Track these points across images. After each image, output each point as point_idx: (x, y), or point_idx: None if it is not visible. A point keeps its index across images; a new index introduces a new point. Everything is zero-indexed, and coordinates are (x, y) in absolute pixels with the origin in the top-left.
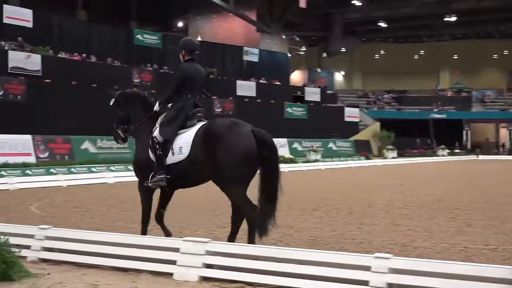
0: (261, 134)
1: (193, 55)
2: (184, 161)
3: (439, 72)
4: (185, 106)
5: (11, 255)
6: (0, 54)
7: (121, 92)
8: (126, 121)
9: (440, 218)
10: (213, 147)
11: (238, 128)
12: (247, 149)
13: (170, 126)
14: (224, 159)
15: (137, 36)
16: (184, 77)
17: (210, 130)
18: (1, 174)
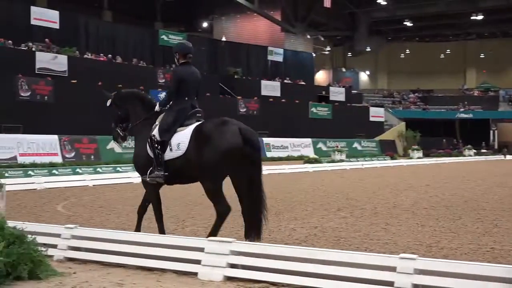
0: (248, 132)
1: (187, 58)
2: (181, 157)
3: (465, 71)
4: (183, 108)
5: (38, 254)
6: (28, 55)
7: (118, 92)
8: (124, 120)
9: (467, 218)
10: (202, 145)
11: (226, 126)
12: (232, 147)
13: (170, 129)
14: (209, 156)
15: (162, 36)
16: (179, 80)
17: (201, 129)
18: (29, 174)
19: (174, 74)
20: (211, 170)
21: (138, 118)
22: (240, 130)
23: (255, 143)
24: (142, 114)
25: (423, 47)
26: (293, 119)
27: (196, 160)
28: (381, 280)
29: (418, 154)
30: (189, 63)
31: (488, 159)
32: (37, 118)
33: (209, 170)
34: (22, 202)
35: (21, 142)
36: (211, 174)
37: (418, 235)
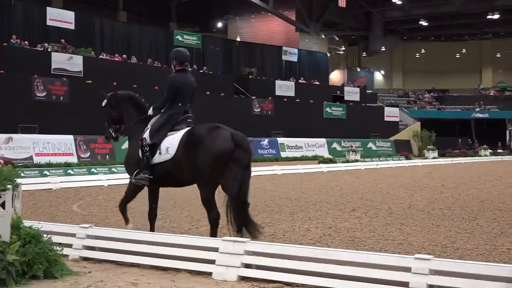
0: (238, 137)
1: (183, 66)
2: (169, 161)
3: (481, 70)
4: (176, 113)
5: (53, 253)
6: (44, 56)
7: (114, 93)
8: (118, 121)
9: (482, 219)
10: (194, 149)
11: (218, 132)
12: (223, 152)
13: (160, 132)
14: (203, 161)
15: (177, 37)
16: (174, 87)
17: (192, 134)
18: (44, 173)
19: (170, 81)
20: (205, 174)
21: (131, 120)
22: (232, 135)
23: (246, 147)
24: (135, 116)
25: (438, 47)
26: (308, 119)
27: (186, 164)
28: (396, 281)
29: (433, 154)
30: (185, 70)
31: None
32: (53, 118)
33: (203, 174)
34: (37, 201)
35: (37, 142)
36: (206, 179)
37: (433, 235)
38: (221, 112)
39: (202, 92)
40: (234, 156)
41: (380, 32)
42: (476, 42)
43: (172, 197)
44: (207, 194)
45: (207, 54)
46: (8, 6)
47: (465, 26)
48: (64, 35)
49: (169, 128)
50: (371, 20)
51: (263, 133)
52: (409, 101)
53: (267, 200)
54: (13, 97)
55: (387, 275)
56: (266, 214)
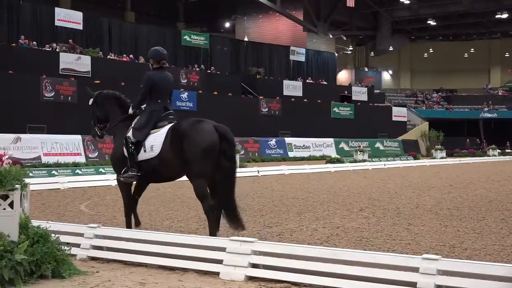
0: (222, 129)
1: (161, 64)
2: (155, 158)
3: (489, 70)
4: (156, 110)
5: (61, 253)
6: (52, 56)
7: (99, 92)
8: (103, 120)
9: (490, 219)
10: (179, 144)
11: (201, 125)
12: (210, 144)
13: (143, 129)
14: (190, 155)
15: (185, 37)
16: (151, 84)
17: (176, 129)
18: (52, 173)
19: (147, 78)
20: (194, 167)
21: (115, 119)
22: (216, 128)
23: (230, 139)
24: (118, 115)
25: (446, 46)
26: (315, 119)
27: (172, 160)
28: (404, 281)
29: (441, 154)
30: (163, 68)
31: None
32: (61, 118)
33: (193, 167)
34: (46, 201)
35: (45, 142)
36: (196, 171)
37: (441, 235)
38: (229, 112)
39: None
40: (221, 148)
41: (388, 32)
42: (485, 41)
43: (180, 197)
44: (199, 185)
45: (214, 54)
46: (16, 6)
47: (473, 26)
48: (72, 36)
49: (151, 125)
50: (379, 20)
51: (271, 133)
52: (417, 101)
53: (275, 200)
54: (22, 97)
55: (395, 275)
56: (274, 214)
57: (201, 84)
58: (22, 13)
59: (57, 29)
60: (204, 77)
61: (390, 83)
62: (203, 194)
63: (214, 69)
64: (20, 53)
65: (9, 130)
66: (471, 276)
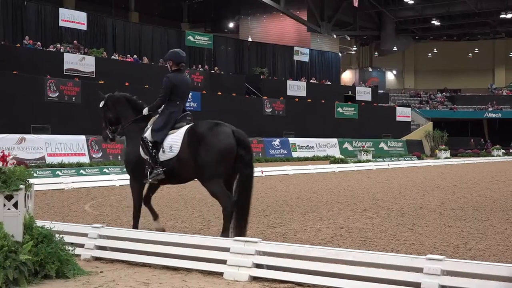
0: (240, 134)
1: (179, 66)
2: (173, 158)
3: (494, 70)
4: (175, 112)
5: (65, 253)
6: (56, 57)
7: (110, 94)
8: (114, 122)
9: (495, 219)
10: (196, 146)
11: (219, 128)
12: (226, 148)
13: (162, 130)
14: (205, 158)
15: (189, 37)
16: (171, 86)
17: (194, 131)
18: (57, 174)
19: (167, 81)
20: (209, 171)
21: (127, 120)
22: (233, 132)
23: (247, 145)
24: (131, 117)
25: (450, 46)
26: (319, 119)
27: (189, 160)
28: (408, 281)
29: (446, 154)
30: (181, 71)
31: None
32: (65, 119)
33: (207, 171)
34: (50, 201)
35: (49, 142)
36: (210, 175)
37: (445, 236)
38: (233, 112)
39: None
40: (238, 153)
41: (392, 32)
42: (489, 41)
43: (184, 197)
44: (216, 187)
45: (218, 54)
46: (21, 7)
47: (477, 26)
48: (77, 36)
49: (170, 126)
50: (383, 20)
51: (275, 133)
52: (421, 101)
53: (279, 200)
54: (26, 97)
55: (399, 275)
56: (278, 214)
57: (205, 84)
58: (26, 13)
59: (61, 30)
60: (208, 77)
61: (394, 83)
62: (222, 193)
63: (218, 69)
64: (24, 53)
65: (13, 130)
66: (475, 277)
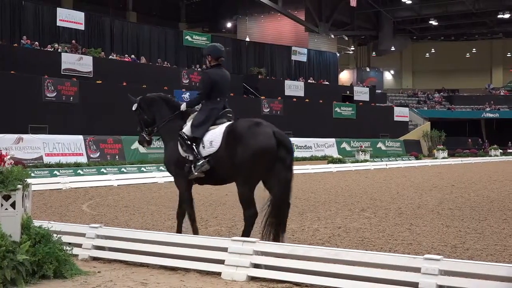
0: (281, 136)
1: (219, 61)
2: (213, 154)
3: (491, 70)
4: (215, 108)
5: (63, 253)
6: (54, 56)
7: (143, 97)
8: (150, 124)
9: (492, 219)
10: (233, 145)
11: (259, 128)
12: (264, 149)
13: (202, 126)
14: (241, 158)
15: (186, 37)
16: (211, 82)
17: (233, 129)
18: (54, 173)
19: (207, 76)
20: (245, 171)
21: (163, 119)
22: (274, 133)
23: (289, 146)
24: (167, 115)
25: (448, 46)
26: (317, 119)
27: (227, 158)
28: (406, 281)
29: (443, 154)
30: (220, 65)
31: None
32: (63, 119)
33: (243, 171)
34: (47, 201)
35: (47, 142)
36: (245, 175)
37: (443, 235)
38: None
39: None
40: (277, 155)
41: (390, 32)
42: (486, 41)
43: None
44: (245, 191)
45: None
46: (18, 7)
47: (475, 26)
48: (74, 36)
49: (210, 123)
50: (381, 20)
51: None
52: (419, 101)
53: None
54: (23, 97)
55: (397, 275)
56: None
57: None
58: (24, 13)
59: (59, 29)
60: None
61: (392, 83)
62: (247, 201)
63: None
64: (22, 53)
65: (11, 130)
66: (473, 276)
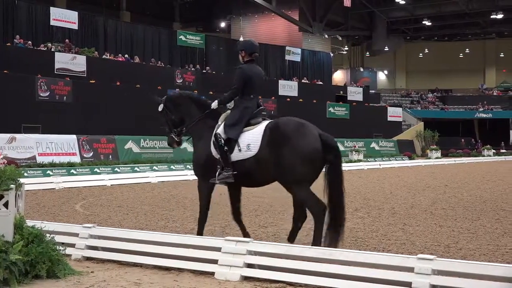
0: (327, 138)
1: (252, 57)
2: (251, 158)
3: (485, 70)
4: (250, 106)
5: (56, 253)
6: (47, 56)
7: (167, 96)
8: (179, 124)
9: (485, 219)
10: (279, 146)
11: (306, 130)
12: (312, 152)
13: (236, 127)
14: (290, 160)
15: (180, 37)
16: (245, 78)
17: (277, 129)
18: (47, 173)
19: (241, 72)
20: (294, 174)
21: (192, 119)
22: (320, 136)
23: (336, 149)
24: (197, 114)
25: (442, 47)
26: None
27: (269, 161)
28: (399, 281)
29: (436, 154)
30: (254, 61)
31: (507, 159)
32: (56, 118)
33: (292, 174)
34: (40, 201)
35: (40, 142)
36: (295, 178)
37: (436, 235)
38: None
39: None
40: (325, 158)
41: (384, 32)
42: (480, 41)
43: (175, 197)
44: (303, 192)
45: (210, 54)
46: (11, 6)
47: (468, 26)
48: (68, 35)
49: (245, 122)
50: (375, 20)
51: None
52: (412, 101)
53: (270, 199)
54: (17, 97)
55: (390, 275)
56: (269, 214)
57: (197, 84)
58: (17, 12)
59: (53, 29)
60: (199, 77)
61: (385, 83)
62: (310, 200)
63: (209, 69)
64: (15, 52)
65: (4, 130)
66: (466, 276)
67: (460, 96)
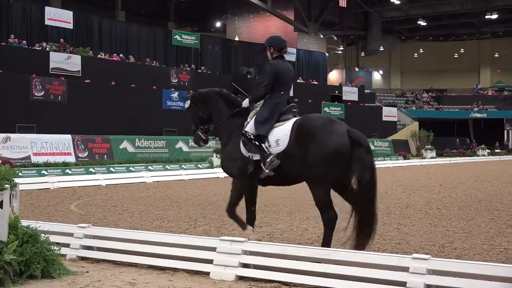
0: (356, 135)
1: (281, 53)
2: (280, 154)
3: (479, 70)
4: (280, 102)
5: (51, 253)
6: (42, 55)
7: (195, 93)
8: (206, 121)
9: (480, 219)
10: (307, 142)
11: (334, 126)
12: (339, 149)
13: (266, 123)
14: (315, 156)
15: (175, 36)
16: (275, 74)
17: (304, 126)
18: (42, 173)
19: (271, 67)
20: (317, 171)
21: (222, 116)
22: (348, 132)
23: (366, 146)
24: (226, 112)
25: (436, 47)
26: None
27: (297, 157)
28: (394, 280)
29: (431, 154)
30: (283, 58)
31: (502, 159)
32: (51, 118)
33: (315, 171)
34: (35, 201)
35: (35, 141)
36: (317, 177)
37: (431, 235)
38: None
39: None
40: (354, 156)
41: (379, 32)
42: (475, 42)
43: (170, 197)
44: (320, 192)
45: (205, 53)
46: (6, 5)
47: (463, 26)
48: (63, 35)
49: (275, 119)
50: (370, 20)
51: None
52: (407, 101)
53: (266, 199)
54: (11, 96)
55: (385, 275)
56: (264, 214)
57: (192, 84)
58: (12, 11)
59: (47, 28)
60: (194, 77)
61: (380, 83)
62: (324, 203)
63: (204, 69)
64: (9, 52)
65: None
66: (461, 276)
67: (455, 96)
